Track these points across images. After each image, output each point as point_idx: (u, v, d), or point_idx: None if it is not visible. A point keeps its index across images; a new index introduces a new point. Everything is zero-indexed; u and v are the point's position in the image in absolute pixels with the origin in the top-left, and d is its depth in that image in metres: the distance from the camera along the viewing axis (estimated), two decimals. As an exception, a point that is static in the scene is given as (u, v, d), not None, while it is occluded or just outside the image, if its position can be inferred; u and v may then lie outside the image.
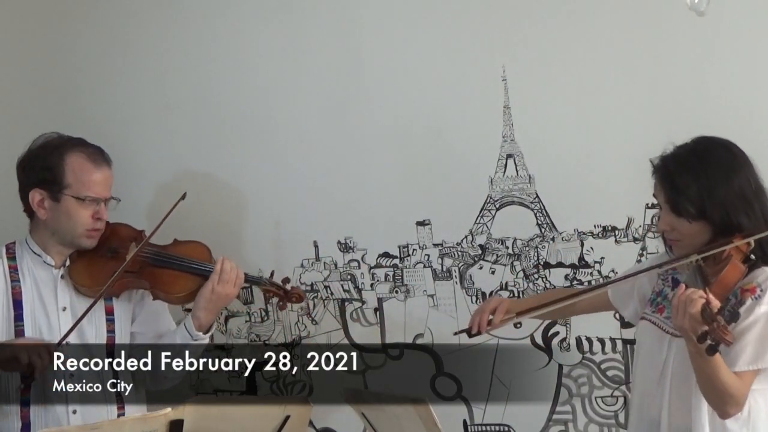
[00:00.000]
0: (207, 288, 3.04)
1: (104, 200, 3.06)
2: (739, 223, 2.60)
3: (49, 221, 3.04)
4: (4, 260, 3.07)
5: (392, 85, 3.45)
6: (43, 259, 3.06)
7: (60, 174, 3.01)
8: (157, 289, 3.09)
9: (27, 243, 3.09)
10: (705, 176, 2.62)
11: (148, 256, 3.09)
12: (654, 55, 3.22)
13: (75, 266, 3.07)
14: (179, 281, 3.10)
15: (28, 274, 3.06)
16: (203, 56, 3.62)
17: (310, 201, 3.55)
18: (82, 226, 3.03)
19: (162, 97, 3.65)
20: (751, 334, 2.55)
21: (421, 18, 3.42)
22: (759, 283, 2.58)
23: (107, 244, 3.10)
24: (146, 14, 3.67)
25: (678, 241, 2.69)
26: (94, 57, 3.71)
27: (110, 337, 3.08)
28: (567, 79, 3.29)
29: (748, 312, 2.56)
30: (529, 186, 3.38)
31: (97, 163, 3.06)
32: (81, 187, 3.02)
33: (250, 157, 3.58)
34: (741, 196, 2.61)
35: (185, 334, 3.07)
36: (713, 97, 3.17)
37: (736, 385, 2.52)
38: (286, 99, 3.55)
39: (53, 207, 3.03)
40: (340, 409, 2.96)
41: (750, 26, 3.14)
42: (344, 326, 3.56)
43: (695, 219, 2.63)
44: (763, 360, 2.55)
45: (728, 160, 2.64)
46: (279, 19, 3.55)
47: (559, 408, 3.39)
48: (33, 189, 3.03)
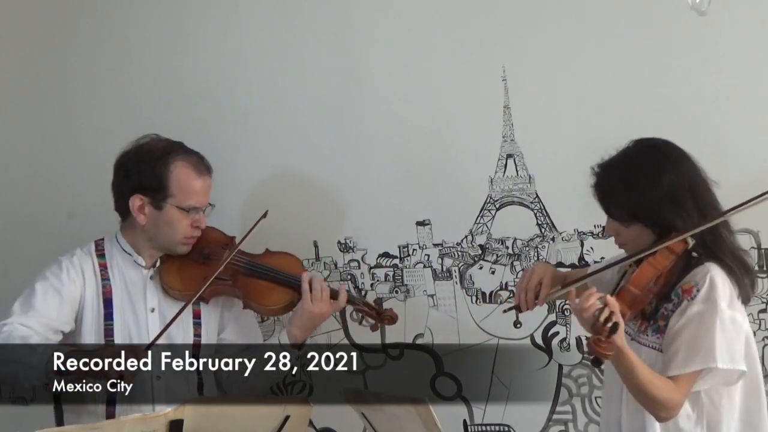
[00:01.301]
0: (303, 308, 3.02)
1: (203, 208, 3.06)
2: (672, 223, 2.59)
3: (147, 227, 3.03)
4: (94, 258, 3.06)
5: (392, 85, 3.45)
6: (134, 258, 3.06)
7: (165, 183, 2.99)
8: (249, 299, 3.09)
9: (117, 241, 3.08)
10: (632, 179, 2.62)
11: (241, 265, 3.08)
12: (654, 55, 3.22)
13: (166, 268, 3.06)
14: (272, 293, 3.09)
15: (118, 273, 3.05)
16: (203, 56, 3.63)
17: (310, 201, 3.55)
18: (182, 234, 3.03)
19: (161, 97, 3.65)
20: (683, 337, 2.54)
21: (421, 18, 3.42)
22: (696, 282, 2.57)
23: (199, 249, 3.09)
24: (145, 14, 3.67)
25: (625, 244, 2.71)
26: (93, 57, 3.72)
27: (196, 341, 3.08)
28: (567, 79, 3.29)
29: (682, 313, 2.55)
30: (529, 186, 3.38)
31: (200, 172, 3.05)
32: (184, 197, 3.01)
33: (250, 156, 3.58)
34: (671, 196, 2.59)
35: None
36: (714, 97, 3.17)
37: (662, 389, 2.50)
38: (285, 98, 3.55)
39: (154, 214, 3.01)
40: (340, 409, 2.95)
41: (751, 26, 3.14)
42: (344, 326, 3.56)
43: (629, 223, 2.64)
44: (694, 363, 2.52)
45: (657, 160, 2.63)
46: (279, 19, 3.55)
47: (559, 408, 3.39)
48: (135, 194, 3.01)
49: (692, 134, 2.98)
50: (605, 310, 2.42)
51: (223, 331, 3.17)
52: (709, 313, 2.53)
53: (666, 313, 2.60)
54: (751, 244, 3.17)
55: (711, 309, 2.53)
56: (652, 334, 2.63)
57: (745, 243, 3.15)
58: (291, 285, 3.08)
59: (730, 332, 2.54)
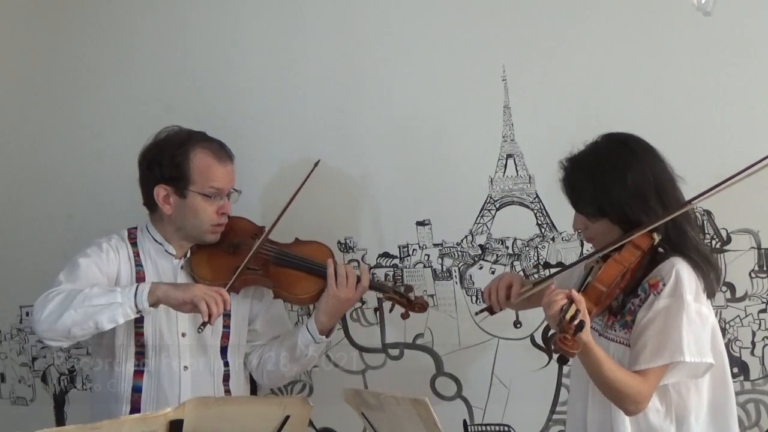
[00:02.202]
0: (329, 294, 3.05)
1: (227, 193, 3.08)
2: (638, 218, 2.60)
3: (174, 216, 3.06)
4: (128, 244, 3.09)
5: (392, 85, 3.45)
6: (165, 248, 3.09)
7: (186, 171, 3.03)
8: (280, 288, 3.11)
9: (148, 230, 3.11)
10: (599, 175, 2.63)
11: (271, 255, 3.11)
12: (657, 55, 3.21)
13: (196, 258, 3.09)
14: (302, 282, 3.11)
15: (150, 261, 3.08)
16: (202, 56, 3.63)
17: (310, 201, 3.55)
18: (208, 222, 3.06)
19: (162, 97, 3.66)
20: (650, 331, 2.54)
21: (421, 18, 3.42)
22: (662, 277, 2.57)
23: (228, 239, 3.11)
24: (145, 15, 3.67)
25: (593, 239, 2.72)
26: (94, 57, 3.72)
27: (225, 332, 3.11)
28: (567, 79, 3.29)
29: (648, 308, 2.56)
30: (529, 186, 3.38)
31: (221, 158, 3.08)
32: (206, 184, 3.03)
33: (250, 156, 3.57)
34: (636, 192, 2.60)
35: (308, 336, 3.10)
36: (715, 96, 3.17)
37: (629, 383, 2.51)
38: (285, 99, 3.55)
39: (179, 203, 3.04)
40: (340, 409, 2.95)
41: (756, 26, 3.13)
42: (344, 326, 3.56)
43: (596, 218, 2.65)
44: (661, 357, 2.53)
45: (623, 155, 2.64)
46: (279, 19, 3.55)
47: (559, 408, 3.39)
48: (158, 185, 3.04)
49: (692, 134, 2.98)
50: (571, 308, 2.42)
51: (253, 322, 3.18)
52: (675, 306, 2.53)
53: (633, 308, 2.61)
54: (751, 244, 3.17)
55: (677, 303, 2.54)
56: (619, 329, 2.64)
57: (744, 243, 3.16)
58: (320, 274, 3.09)
59: (696, 325, 2.55)
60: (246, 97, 3.59)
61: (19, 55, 3.81)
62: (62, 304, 2.83)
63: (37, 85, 3.79)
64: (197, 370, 3.06)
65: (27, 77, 3.81)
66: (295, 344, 3.11)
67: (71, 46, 3.74)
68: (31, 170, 3.82)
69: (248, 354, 3.19)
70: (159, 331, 3.03)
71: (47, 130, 3.79)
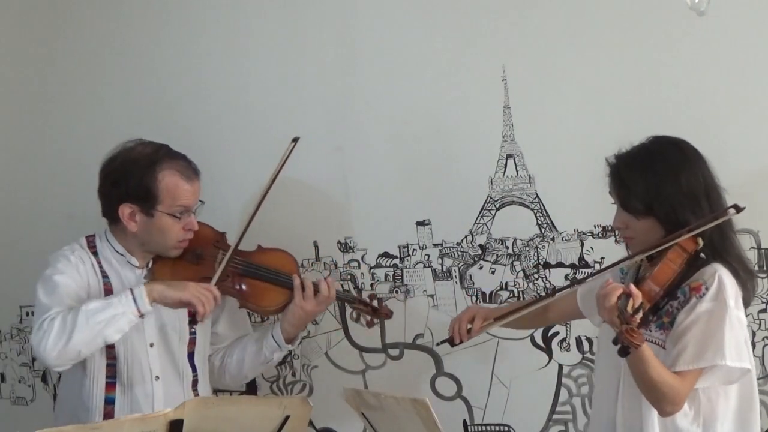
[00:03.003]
0: (295, 305, 3.09)
1: (194, 210, 3.07)
2: (686, 220, 2.61)
3: (139, 234, 3.04)
4: (90, 254, 3.07)
5: (392, 85, 3.45)
6: (127, 259, 3.08)
7: (154, 191, 3.00)
8: (246, 300, 3.13)
9: (108, 241, 3.09)
10: (652, 173, 2.65)
11: (238, 267, 3.11)
12: (654, 55, 3.21)
13: (159, 269, 3.08)
14: (269, 294, 3.13)
15: (114, 272, 3.07)
16: (202, 56, 3.63)
17: (310, 201, 3.55)
18: (174, 239, 3.05)
19: (162, 97, 3.66)
20: (692, 333, 2.56)
21: (421, 18, 3.42)
22: (704, 281, 2.59)
23: (191, 248, 3.10)
24: (144, 14, 3.67)
25: (632, 238, 2.73)
26: (93, 58, 3.72)
27: (192, 339, 3.12)
28: (567, 79, 3.29)
29: (690, 310, 2.57)
30: (529, 186, 3.38)
31: (188, 177, 3.05)
32: (173, 203, 3.01)
33: (250, 156, 3.58)
34: (688, 193, 2.63)
35: (273, 343, 3.14)
36: (713, 97, 3.17)
37: (671, 383, 2.52)
38: (285, 98, 3.55)
39: (145, 221, 3.02)
40: (340, 409, 2.96)
41: (750, 26, 3.14)
42: (344, 326, 3.56)
43: (643, 216, 2.66)
44: (703, 359, 2.55)
45: (677, 157, 2.67)
46: (279, 19, 3.55)
47: (559, 408, 3.39)
48: (123, 203, 3.02)
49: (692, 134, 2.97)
50: (630, 301, 2.44)
51: (215, 324, 3.20)
52: (718, 310, 2.56)
53: (671, 310, 2.62)
54: (751, 244, 3.17)
55: (720, 307, 2.56)
56: (655, 330, 2.65)
57: (745, 243, 3.15)
58: (287, 285, 3.12)
59: (737, 330, 2.58)
60: (245, 97, 3.59)
61: (19, 55, 3.81)
62: (64, 328, 2.81)
63: (37, 85, 3.80)
64: (167, 378, 3.06)
65: (27, 77, 3.81)
66: (260, 349, 3.15)
67: (70, 48, 3.74)
68: (31, 170, 3.82)
69: (210, 356, 3.21)
70: (129, 343, 3.02)
71: (47, 130, 3.79)
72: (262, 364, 3.19)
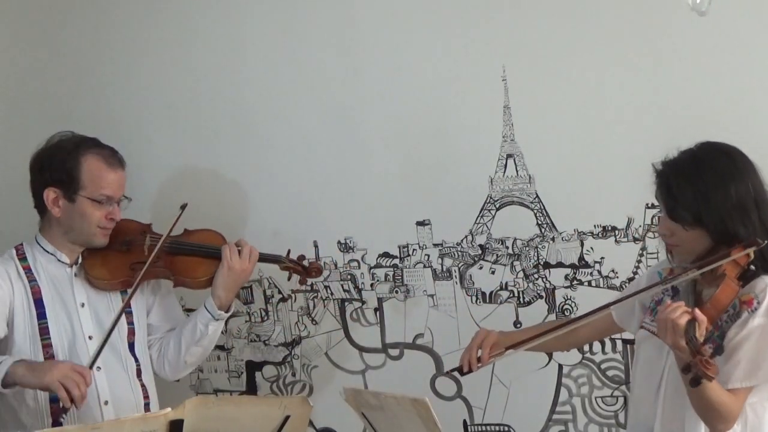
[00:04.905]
0: (224, 266, 3.11)
1: (117, 200, 3.09)
2: (736, 232, 2.54)
3: (62, 220, 3.06)
4: (17, 261, 3.09)
5: (392, 85, 3.45)
6: (56, 257, 3.09)
7: (76, 175, 3.04)
8: (179, 275, 3.16)
9: (38, 242, 3.11)
10: (702, 183, 2.56)
11: (165, 246, 3.13)
12: (654, 55, 3.21)
13: (90, 262, 3.10)
14: (200, 266, 3.16)
15: (43, 273, 3.08)
16: (202, 56, 3.63)
17: (310, 201, 3.55)
18: (95, 224, 3.06)
19: (162, 97, 3.66)
20: (744, 349, 2.51)
21: (421, 18, 3.42)
22: (756, 294, 2.53)
23: (118, 239, 3.13)
24: (145, 15, 3.67)
25: (677, 246, 2.65)
26: (94, 56, 3.72)
27: (130, 329, 3.13)
28: (567, 79, 3.29)
29: (742, 325, 2.51)
30: (529, 186, 3.38)
31: (112, 165, 3.08)
32: (96, 189, 3.05)
33: (250, 156, 3.58)
34: (738, 204, 2.54)
35: (206, 314, 3.13)
36: (714, 97, 3.17)
37: (727, 402, 2.48)
38: (285, 99, 3.55)
39: (68, 206, 3.05)
40: (340, 409, 2.96)
41: (751, 26, 3.14)
42: (344, 326, 3.57)
43: (691, 226, 2.58)
44: (756, 376, 2.51)
45: (727, 167, 2.58)
46: (279, 19, 3.55)
47: (559, 408, 3.39)
48: (48, 187, 3.05)
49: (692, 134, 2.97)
50: (702, 325, 2.37)
51: (148, 314, 3.22)
52: None
53: (720, 324, 2.55)
54: (752, 245, 3.16)
55: None
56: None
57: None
58: (216, 256, 3.14)
59: None
60: (246, 96, 3.59)
61: (19, 55, 3.81)
62: None
63: (37, 85, 3.79)
64: (111, 369, 3.06)
65: (27, 77, 3.80)
66: (194, 326, 3.14)
67: (69, 48, 3.74)
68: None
69: (148, 347, 3.22)
70: (65, 338, 3.03)
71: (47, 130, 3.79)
72: (200, 341, 3.14)
